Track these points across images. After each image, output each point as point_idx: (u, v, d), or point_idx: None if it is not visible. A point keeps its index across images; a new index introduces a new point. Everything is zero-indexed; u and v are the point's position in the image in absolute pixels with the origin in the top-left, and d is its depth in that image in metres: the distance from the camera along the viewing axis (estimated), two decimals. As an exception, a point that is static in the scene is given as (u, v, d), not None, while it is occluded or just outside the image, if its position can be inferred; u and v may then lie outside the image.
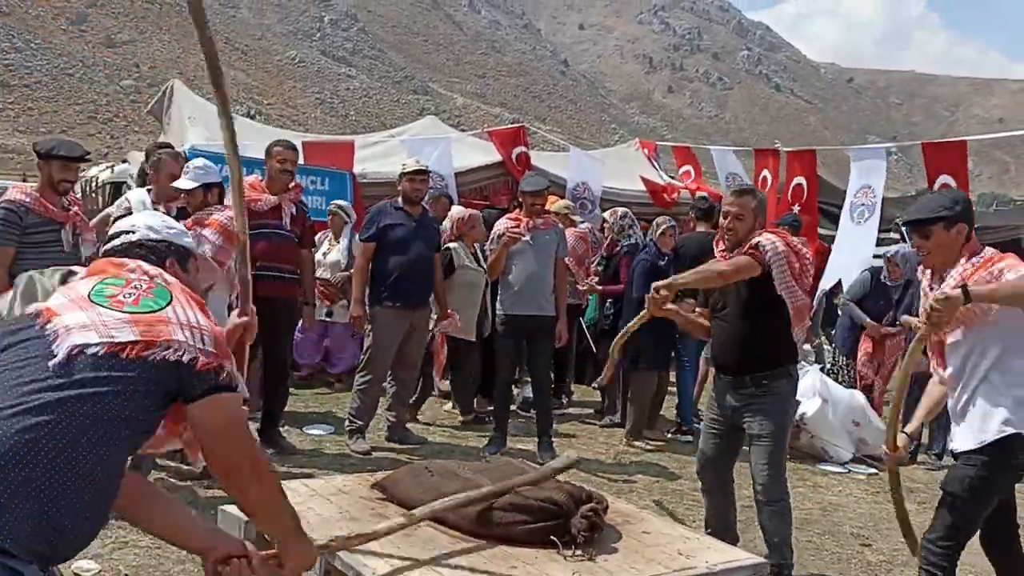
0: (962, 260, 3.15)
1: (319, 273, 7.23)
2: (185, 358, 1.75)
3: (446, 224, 6.74)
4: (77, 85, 45.72)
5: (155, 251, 2.05)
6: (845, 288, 7.82)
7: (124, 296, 1.82)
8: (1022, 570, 3.41)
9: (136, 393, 1.72)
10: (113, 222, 2.93)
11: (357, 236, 6.74)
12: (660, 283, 3.83)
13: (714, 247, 4.08)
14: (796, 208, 9.28)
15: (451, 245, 6.55)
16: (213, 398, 1.80)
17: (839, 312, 8.10)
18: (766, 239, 3.84)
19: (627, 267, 7.00)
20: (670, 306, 3.88)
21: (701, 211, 7.08)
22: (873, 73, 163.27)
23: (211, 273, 2.28)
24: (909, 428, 3.52)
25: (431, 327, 6.40)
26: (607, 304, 7.39)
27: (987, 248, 3.20)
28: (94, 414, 1.66)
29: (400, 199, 6.04)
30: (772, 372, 3.90)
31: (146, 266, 1.96)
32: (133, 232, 2.07)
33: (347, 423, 6.02)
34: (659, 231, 6.78)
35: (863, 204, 8.53)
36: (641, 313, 3.98)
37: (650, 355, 6.54)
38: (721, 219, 3.98)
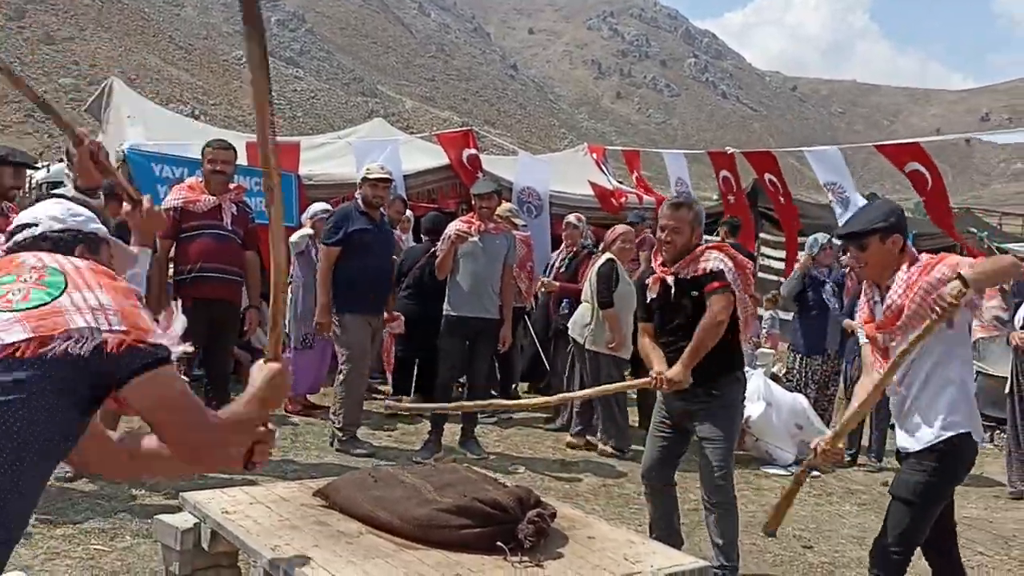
0: (904, 267, 3.20)
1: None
2: (88, 347, 1.58)
3: (608, 236, 6.76)
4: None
5: (61, 243, 1.86)
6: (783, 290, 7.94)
7: (13, 294, 1.65)
8: (959, 572, 3.48)
9: (46, 393, 1.56)
10: None
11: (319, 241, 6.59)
12: (669, 375, 3.89)
13: (652, 260, 4.10)
14: (782, 199, 9.46)
15: (611, 257, 6.53)
16: (140, 381, 1.63)
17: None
18: (720, 263, 3.87)
19: (589, 267, 7.17)
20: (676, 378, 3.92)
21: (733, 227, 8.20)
22: (816, 82, 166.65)
23: (126, 260, 2.12)
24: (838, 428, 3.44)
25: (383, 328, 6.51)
26: (563, 304, 7.42)
27: (923, 255, 3.25)
28: (3, 428, 1.53)
29: (361, 203, 6.01)
30: (722, 380, 3.97)
31: (42, 254, 1.78)
32: (36, 225, 1.89)
33: (341, 435, 6.00)
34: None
35: (839, 199, 8.82)
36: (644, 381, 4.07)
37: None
38: (658, 232, 4.00)
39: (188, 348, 1.77)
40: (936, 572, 3.46)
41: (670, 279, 3.97)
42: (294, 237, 7.12)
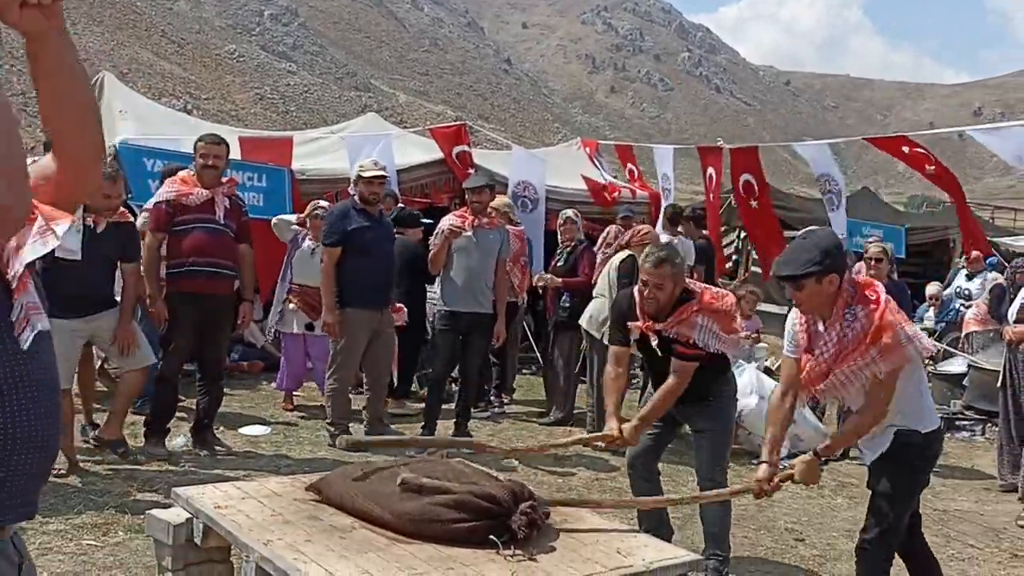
0: (838, 312, 3.25)
1: (304, 279, 6.78)
2: None
3: (627, 234, 6.86)
4: (6, 76, 44.31)
5: None
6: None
7: None
8: (930, 561, 3.62)
9: None
10: None
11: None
12: (627, 427, 3.91)
13: (636, 311, 4.08)
14: (754, 203, 9.43)
15: (632, 253, 6.51)
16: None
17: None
18: (705, 335, 3.89)
19: (588, 261, 7.34)
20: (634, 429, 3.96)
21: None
22: (810, 77, 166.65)
23: None
24: (772, 459, 3.49)
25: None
26: (563, 297, 7.43)
27: (855, 286, 3.29)
28: None
29: (358, 200, 6.04)
30: (715, 387, 4.06)
31: None
32: None
33: (332, 428, 6.03)
34: None
35: (830, 192, 8.86)
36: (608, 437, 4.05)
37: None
38: (640, 286, 4.00)
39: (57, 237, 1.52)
40: (909, 564, 3.63)
41: (654, 341, 3.98)
42: (274, 220, 7.14)
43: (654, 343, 3.98)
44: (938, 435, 3.46)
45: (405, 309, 6.88)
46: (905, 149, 7.78)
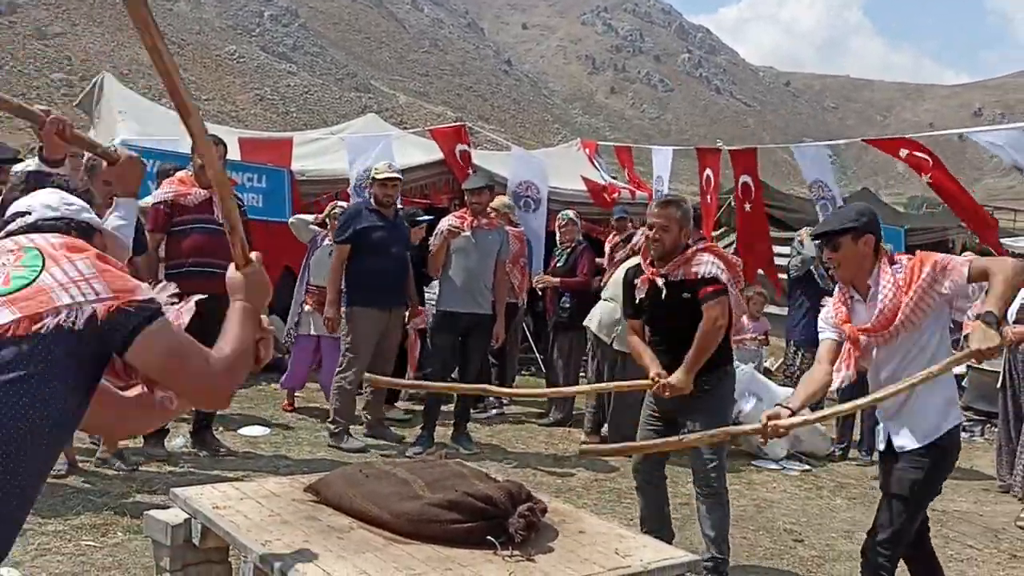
0: (884, 268, 3.22)
1: (320, 280, 6.67)
2: (81, 320, 1.59)
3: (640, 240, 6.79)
4: (5, 78, 44.24)
5: (54, 231, 1.85)
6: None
7: None
8: (933, 564, 3.53)
9: (47, 370, 1.57)
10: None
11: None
12: (672, 381, 3.87)
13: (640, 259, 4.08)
14: (748, 207, 9.44)
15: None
16: (139, 340, 1.65)
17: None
18: (713, 266, 3.87)
19: (588, 262, 7.44)
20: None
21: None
22: (810, 77, 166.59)
23: (121, 250, 2.11)
24: (793, 405, 3.24)
25: (405, 323, 6.63)
26: (563, 298, 7.43)
27: (902, 257, 3.27)
28: (10, 407, 1.53)
29: (372, 202, 6.14)
30: (712, 375, 3.98)
31: (19, 237, 1.78)
32: (30, 213, 1.90)
33: (332, 426, 6.06)
34: None
35: (823, 198, 8.86)
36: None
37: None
38: (646, 230, 4.00)
39: (174, 289, 1.82)
40: (911, 566, 3.52)
41: (660, 281, 3.96)
42: (292, 219, 7.16)
43: (662, 286, 3.93)
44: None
45: (426, 313, 6.86)
46: (903, 152, 7.76)
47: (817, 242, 3.58)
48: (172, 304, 1.80)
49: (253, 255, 2.06)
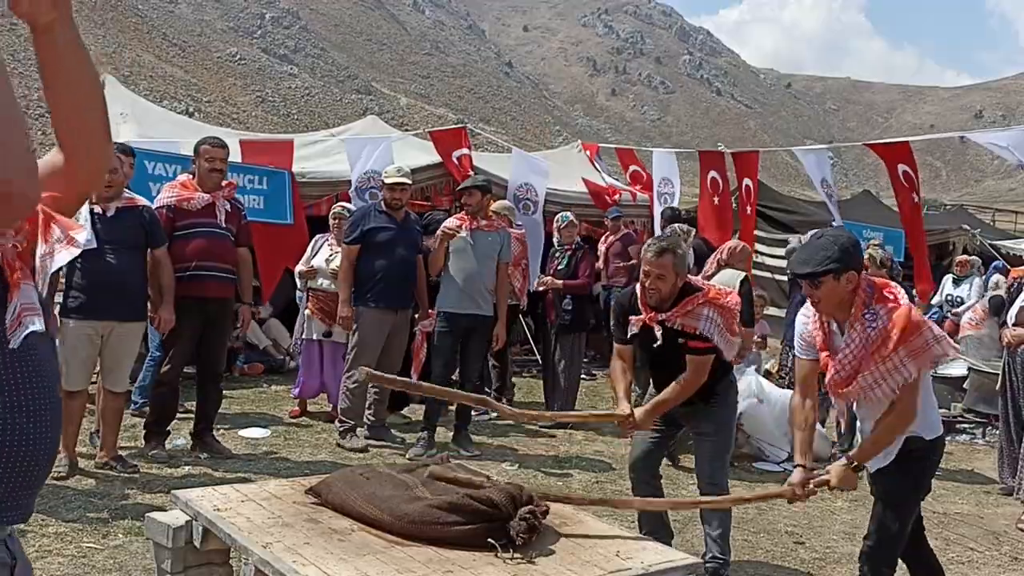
0: (857, 313, 3.21)
1: (320, 283, 6.75)
2: None
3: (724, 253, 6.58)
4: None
5: None
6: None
7: None
8: (933, 566, 3.59)
9: None
10: None
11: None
12: (640, 411, 3.93)
13: (638, 306, 4.05)
14: (748, 209, 9.48)
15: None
16: None
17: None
18: (711, 324, 3.84)
19: (589, 264, 7.52)
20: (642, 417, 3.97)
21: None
22: (811, 79, 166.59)
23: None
24: (806, 463, 3.38)
25: (414, 326, 6.66)
26: (565, 301, 7.43)
27: (873, 286, 3.26)
28: None
29: (381, 204, 6.24)
30: (719, 385, 4.03)
31: None
32: None
33: (338, 423, 6.14)
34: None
35: (831, 196, 8.91)
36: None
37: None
38: (642, 277, 3.96)
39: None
40: (911, 568, 3.59)
41: (658, 331, 3.92)
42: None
43: (658, 333, 3.92)
44: (941, 441, 3.43)
45: (435, 316, 6.83)
46: (904, 168, 7.77)
47: (798, 279, 3.53)
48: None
49: None
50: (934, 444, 3.37)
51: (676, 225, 7.56)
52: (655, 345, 3.96)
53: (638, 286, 4.03)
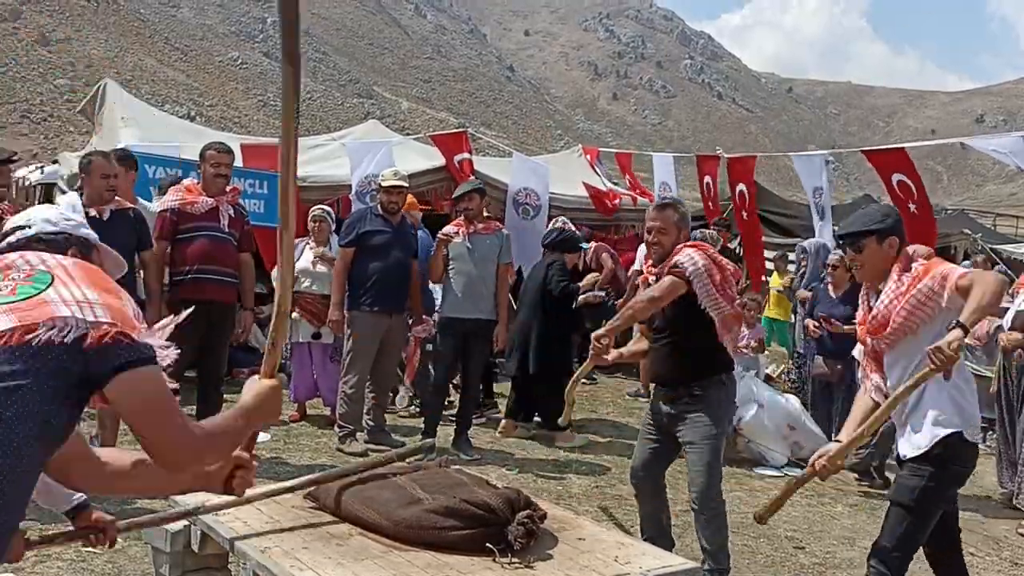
0: (893, 276, 3.20)
1: (305, 285, 6.73)
2: (72, 335, 1.58)
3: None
4: (9, 84, 44.34)
5: (54, 244, 1.90)
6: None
7: (0, 290, 1.67)
8: (957, 569, 3.45)
9: (35, 384, 1.56)
10: None
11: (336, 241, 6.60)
12: (599, 332, 3.86)
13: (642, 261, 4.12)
14: (744, 214, 9.47)
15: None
16: (123, 377, 1.62)
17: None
18: (685, 256, 3.86)
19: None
20: (613, 352, 3.96)
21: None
22: (812, 83, 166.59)
23: (117, 266, 2.13)
24: (842, 437, 3.33)
25: (407, 332, 6.67)
26: None
27: (915, 262, 3.23)
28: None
29: (378, 207, 6.22)
30: (703, 382, 3.95)
31: (29, 255, 1.79)
32: (29, 227, 1.93)
33: (337, 428, 6.14)
34: None
35: (824, 205, 8.91)
36: (585, 363, 4.07)
37: None
38: (645, 234, 4.00)
39: (174, 355, 1.78)
40: (936, 565, 3.43)
41: (652, 280, 3.99)
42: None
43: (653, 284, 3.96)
44: (976, 451, 3.25)
45: (432, 321, 6.83)
46: (899, 177, 7.73)
47: (839, 241, 3.55)
48: (166, 349, 1.77)
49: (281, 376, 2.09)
50: (971, 451, 3.19)
51: (706, 231, 7.44)
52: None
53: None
